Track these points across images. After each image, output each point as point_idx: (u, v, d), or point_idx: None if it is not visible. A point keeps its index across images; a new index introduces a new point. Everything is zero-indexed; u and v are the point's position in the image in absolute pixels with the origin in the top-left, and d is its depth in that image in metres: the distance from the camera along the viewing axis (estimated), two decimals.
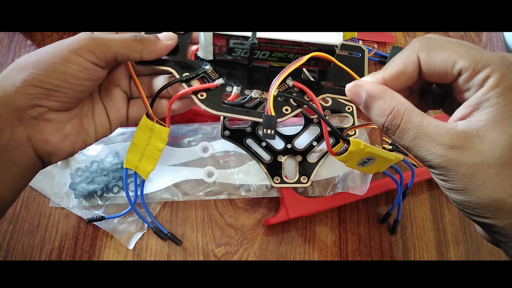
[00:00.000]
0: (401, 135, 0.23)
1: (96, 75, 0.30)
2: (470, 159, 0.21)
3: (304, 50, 0.30)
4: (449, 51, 0.23)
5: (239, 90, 0.32)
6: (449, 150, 0.21)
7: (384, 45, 0.53)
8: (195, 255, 0.39)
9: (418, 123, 0.22)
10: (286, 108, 0.31)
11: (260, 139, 0.40)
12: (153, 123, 0.33)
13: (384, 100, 0.23)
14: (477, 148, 0.21)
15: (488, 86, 0.21)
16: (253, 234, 0.41)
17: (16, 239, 0.39)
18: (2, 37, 0.49)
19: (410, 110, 0.23)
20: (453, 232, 0.42)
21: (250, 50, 0.30)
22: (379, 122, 0.24)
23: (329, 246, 0.41)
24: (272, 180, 0.39)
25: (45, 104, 0.28)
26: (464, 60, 0.22)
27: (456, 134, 0.21)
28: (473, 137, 0.21)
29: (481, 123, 0.21)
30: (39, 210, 0.40)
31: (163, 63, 0.32)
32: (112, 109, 0.33)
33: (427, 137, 0.22)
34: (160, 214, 0.41)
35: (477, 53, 0.22)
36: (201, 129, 0.43)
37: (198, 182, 0.41)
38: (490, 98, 0.21)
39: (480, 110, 0.21)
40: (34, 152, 0.28)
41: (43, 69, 0.27)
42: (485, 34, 0.56)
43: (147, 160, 0.34)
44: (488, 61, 0.22)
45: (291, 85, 0.32)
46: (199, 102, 0.31)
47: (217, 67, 0.32)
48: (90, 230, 0.40)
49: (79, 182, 0.40)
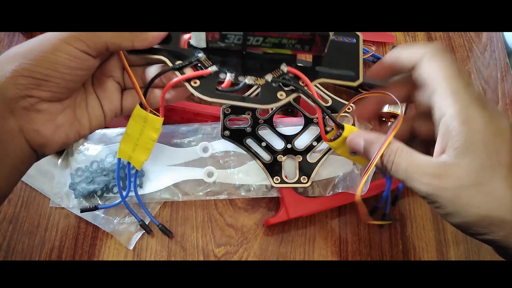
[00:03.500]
0: (396, 168, 0.26)
1: (87, 65, 0.29)
2: (452, 184, 0.24)
3: (298, 35, 0.29)
4: (438, 67, 0.27)
5: (233, 76, 0.31)
6: (433, 178, 0.24)
7: (384, 45, 0.53)
8: (195, 255, 0.39)
9: (408, 158, 0.25)
10: (281, 94, 0.31)
11: (260, 139, 0.40)
12: (147, 113, 0.33)
13: (379, 143, 0.27)
14: (456, 174, 0.24)
15: (451, 114, 0.25)
16: (253, 234, 0.41)
17: (16, 239, 0.39)
18: (2, 37, 0.49)
19: (401, 148, 0.26)
20: (453, 232, 0.42)
21: (243, 36, 0.30)
22: (379, 162, 0.27)
23: (329, 246, 0.41)
24: (272, 180, 0.39)
25: (36, 94, 0.27)
26: (441, 81, 0.26)
27: (438, 164, 0.24)
28: (452, 165, 0.24)
29: (455, 152, 0.24)
30: (39, 210, 0.40)
31: (155, 52, 0.32)
32: (106, 100, 0.33)
33: (416, 168, 0.25)
34: (160, 214, 0.41)
35: (453, 77, 0.26)
36: (201, 129, 0.43)
37: (198, 182, 0.41)
38: (455, 127, 0.24)
39: (450, 140, 0.24)
40: (26, 143, 0.28)
41: (33, 58, 0.27)
42: (485, 34, 0.56)
43: (141, 150, 0.34)
44: (454, 87, 0.25)
45: (285, 70, 0.32)
46: (192, 89, 0.31)
47: (211, 55, 0.32)
48: (90, 230, 0.40)
49: (79, 182, 0.40)
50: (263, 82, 0.32)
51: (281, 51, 0.32)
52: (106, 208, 0.39)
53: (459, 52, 0.54)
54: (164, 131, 0.43)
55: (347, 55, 0.32)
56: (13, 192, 0.41)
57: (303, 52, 0.32)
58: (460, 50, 0.54)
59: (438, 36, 0.55)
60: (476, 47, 0.55)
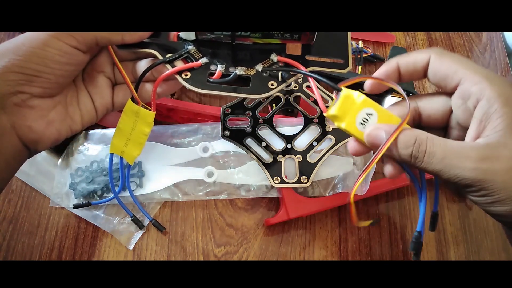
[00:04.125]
0: (430, 159, 0.23)
1: (77, 60, 0.29)
2: (503, 165, 0.21)
3: None
4: (456, 61, 0.25)
5: (223, 68, 0.32)
6: (480, 162, 0.22)
7: (384, 45, 0.53)
8: (195, 255, 0.39)
9: (442, 144, 0.23)
10: (272, 83, 0.32)
11: (260, 139, 0.40)
12: (139, 107, 0.33)
13: (404, 134, 0.24)
14: (506, 155, 0.21)
15: (489, 97, 0.23)
16: (253, 234, 0.41)
17: (16, 239, 0.39)
18: (2, 37, 0.49)
19: (431, 136, 0.23)
20: (453, 232, 0.42)
21: None
22: (406, 154, 0.24)
23: (329, 246, 0.41)
24: (272, 180, 0.39)
25: (28, 90, 0.27)
26: (465, 70, 0.24)
27: (481, 147, 0.22)
28: (498, 146, 0.22)
29: (500, 133, 0.22)
30: (39, 210, 0.40)
31: (145, 45, 0.32)
32: (97, 95, 0.33)
33: (455, 155, 0.22)
34: (160, 214, 0.41)
35: (476, 66, 0.24)
36: (201, 129, 0.43)
37: (198, 182, 0.41)
38: (497, 109, 0.22)
39: (491, 122, 0.22)
40: (19, 140, 0.28)
41: (22, 54, 0.27)
42: (485, 34, 0.56)
43: (133, 144, 0.34)
44: (483, 73, 0.24)
45: (275, 60, 0.32)
46: (183, 81, 0.31)
47: (201, 47, 0.32)
48: (90, 230, 0.40)
49: (79, 182, 0.40)
50: (253, 72, 0.32)
51: (270, 41, 0.32)
52: (98, 204, 0.39)
53: (459, 52, 0.54)
54: (164, 131, 0.43)
55: (336, 43, 0.32)
56: (13, 192, 0.41)
57: (292, 41, 0.32)
58: (460, 50, 0.54)
59: (438, 36, 0.55)
60: (476, 47, 0.55)
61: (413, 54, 0.27)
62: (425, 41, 0.54)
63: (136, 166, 0.41)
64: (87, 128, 0.42)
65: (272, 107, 0.42)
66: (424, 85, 0.51)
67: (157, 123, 0.44)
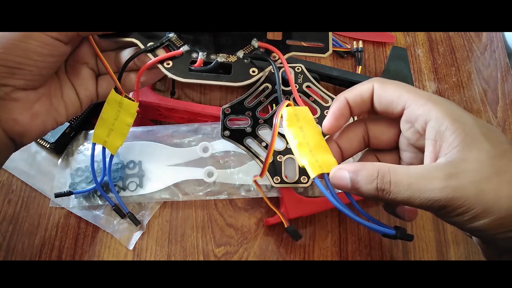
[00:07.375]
0: (396, 188, 0.22)
1: (59, 51, 0.29)
2: (470, 179, 0.21)
3: None
4: (399, 86, 0.26)
5: (204, 55, 0.32)
6: (447, 180, 0.21)
7: (384, 45, 0.53)
8: (195, 255, 0.39)
9: (405, 172, 0.23)
10: (253, 70, 0.32)
11: (260, 139, 0.40)
12: (122, 97, 0.33)
13: (366, 169, 0.23)
14: (469, 169, 0.21)
15: (437, 117, 0.23)
16: (253, 234, 0.41)
17: (16, 239, 0.39)
18: None
19: (392, 166, 0.23)
20: (453, 232, 0.42)
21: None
22: (372, 188, 0.23)
23: (329, 246, 0.41)
24: (272, 180, 0.39)
25: (11, 83, 0.27)
26: (409, 94, 0.25)
27: (444, 166, 0.22)
28: (459, 162, 0.22)
29: (458, 148, 0.22)
30: (39, 210, 0.40)
31: (127, 34, 0.32)
32: (81, 87, 0.33)
33: (421, 178, 0.22)
34: (160, 214, 0.41)
35: (418, 90, 0.25)
36: (201, 129, 0.43)
37: (198, 182, 0.41)
38: (448, 126, 0.23)
39: (445, 140, 0.23)
40: (4, 133, 0.28)
41: (3, 47, 0.27)
42: (485, 34, 0.56)
43: (116, 135, 0.34)
44: (426, 95, 0.25)
45: (256, 46, 0.32)
46: (165, 71, 0.31)
47: (182, 34, 0.32)
48: (90, 230, 0.40)
49: (79, 182, 0.40)
50: (235, 59, 0.32)
51: None
52: (81, 193, 0.39)
53: (459, 52, 0.54)
54: (164, 131, 0.43)
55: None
56: (13, 192, 0.41)
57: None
58: (460, 50, 0.54)
59: (438, 36, 0.55)
60: (476, 47, 0.55)
61: (357, 86, 0.27)
62: (425, 41, 0.54)
63: (136, 166, 0.41)
64: (87, 128, 0.42)
65: (272, 107, 0.42)
66: (424, 85, 0.51)
67: (157, 123, 0.44)
